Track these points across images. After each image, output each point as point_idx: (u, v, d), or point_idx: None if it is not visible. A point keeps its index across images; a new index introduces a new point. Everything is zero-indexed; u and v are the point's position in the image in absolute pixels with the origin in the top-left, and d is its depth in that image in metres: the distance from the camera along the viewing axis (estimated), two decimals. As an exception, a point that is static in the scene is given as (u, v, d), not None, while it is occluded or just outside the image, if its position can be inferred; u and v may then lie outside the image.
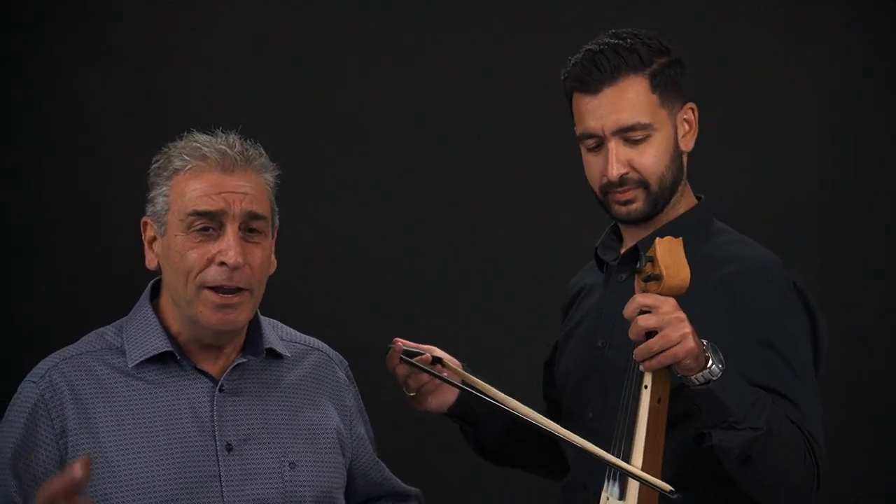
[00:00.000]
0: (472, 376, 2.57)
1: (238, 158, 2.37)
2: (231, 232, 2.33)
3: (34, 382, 2.37)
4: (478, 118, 4.16)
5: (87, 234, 4.11)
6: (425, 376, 2.59)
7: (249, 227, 2.36)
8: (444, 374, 2.57)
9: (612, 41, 2.54)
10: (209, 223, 2.34)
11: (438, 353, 2.61)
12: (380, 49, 4.15)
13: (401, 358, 2.57)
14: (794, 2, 4.11)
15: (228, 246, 2.32)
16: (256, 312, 2.47)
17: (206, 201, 2.33)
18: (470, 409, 2.67)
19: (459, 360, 2.64)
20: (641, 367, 2.34)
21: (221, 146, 2.38)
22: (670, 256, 2.31)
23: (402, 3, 4.17)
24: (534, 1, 4.15)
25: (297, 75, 4.15)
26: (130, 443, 2.33)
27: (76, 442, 2.33)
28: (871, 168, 4.10)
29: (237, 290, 2.35)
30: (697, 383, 2.33)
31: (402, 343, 2.58)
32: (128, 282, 3.95)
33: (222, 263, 2.32)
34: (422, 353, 2.59)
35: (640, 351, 2.31)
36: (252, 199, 2.35)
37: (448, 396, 2.65)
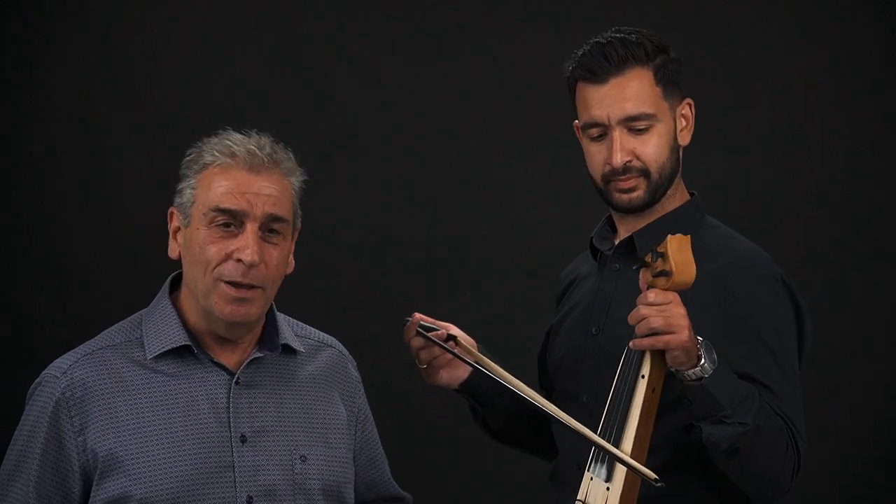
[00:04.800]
0: (483, 356, 2.65)
1: (266, 160, 2.43)
2: (251, 231, 2.40)
3: (57, 378, 2.43)
4: (472, 118, 4.17)
5: (90, 234, 4.12)
6: (437, 350, 2.66)
7: (270, 228, 2.43)
8: (456, 351, 2.65)
9: (619, 35, 2.62)
10: (231, 220, 2.40)
11: (454, 330, 2.69)
12: (371, 54, 4.16)
13: (417, 331, 2.64)
14: (786, 5, 4.13)
15: (247, 244, 2.39)
16: (272, 308, 2.54)
17: (230, 199, 2.40)
18: (480, 387, 2.74)
19: (475, 341, 2.71)
20: (631, 344, 2.42)
21: (251, 146, 2.44)
22: (680, 253, 2.38)
23: (395, 9, 4.18)
24: (522, 8, 4.16)
25: (295, 76, 4.15)
26: (149, 434, 2.40)
27: (97, 438, 2.39)
28: (862, 165, 4.11)
29: (251, 287, 2.41)
30: (690, 379, 2.41)
31: (419, 317, 2.66)
32: (130, 280, 3.98)
33: (239, 260, 2.39)
34: (438, 329, 2.67)
35: (641, 327, 2.39)
36: (275, 201, 2.42)
37: (460, 373, 2.72)
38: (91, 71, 4.10)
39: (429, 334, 2.65)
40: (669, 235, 2.39)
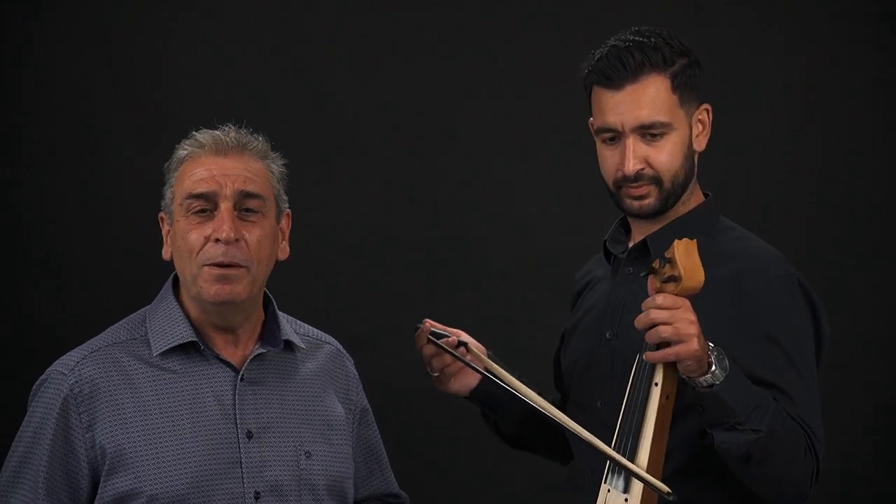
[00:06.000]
0: (493, 364, 2.64)
1: (232, 142, 2.49)
2: (224, 210, 2.44)
3: (64, 374, 2.45)
4: (472, 118, 4.17)
5: (90, 234, 4.12)
6: (449, 358, 2.66)
7: (245, 207, 2.47)
8: (468, 358, 2.64)
9: (637, 38, 2.57)
10: (205, 205, 2.45)
11: (465, 337, 2.68)
12: (371, 54, 4.16)
13: (428, 338, 2.64)
14: (786, 5, 4.13)
15: (222, 222, 2.43)
16: (273, 305, 2.57)
17: (200, 184, 2.45)
18: (491, 394, 2.72)
19: (485, 347, 2.71)
20: (645, 357, 2.40)
21: (216, 133, 2.51)
22: (688, 258, 2.36)
23: (395, 9, 4.18)
24: (522, 8, 4.16)
25: (295, 76, 4.16)
26: (157, 431, 2.42)
27: (105, 434, 2.41)
28: (862, 165, 4.12)
29: (234, 266, 2.44)
30: (701, 386, 2.39)
31: (430, 324, 2.66)
32: (130, 280, 3.97)
33: (217, 240, 2.43)
34: (448, 336, 2.66)
35: (651, 336, 2.37)
36: (245, 179, 2.46)
37: (470, 380, 2.72)
38: (91, 71, 4.10)
39: (439, 341, 2.64)
40: (676, 240, 2.36)
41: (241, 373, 2.48)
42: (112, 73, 4.11)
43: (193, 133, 2.52)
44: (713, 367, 2.36)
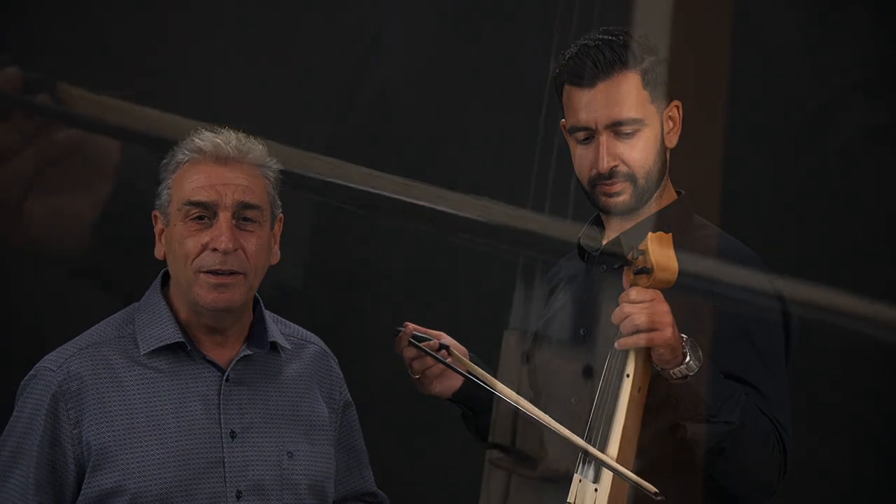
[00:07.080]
0: (475, 366, 2.67)
1: (232, 151, 2.52)
2: (223, 220, 2.48)
3: (53, 371, 2.49)
4: (472, 118, 4.18)
5: (90, 234, 4.12)
6: (430, 360, 2.69)
7: (243, 216, 2.50)
8: (449, 361, 2.67)
9: (606, 37, 2.61)
10: (204, 212, 2.49)
11: (447, 340, 2.72)
12: (371, 53, 4.16)
13: (409, 341, 2.67)
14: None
15: (220, 233, 2.47)
16: (261, 306, 2.60)
17: (200, 192, 2.49)
18: (473, 396, 2.76)
19: (467, 350, 2.74)
20: (616, 345, 2.42)
21: (218, 140, 2.54)
22: (661, 251, 2.37)
23: (395, 8, 4.19)
24: (522, 8, 4.17)
25: (294, 75, 4.16)
26: (142, 429, 2.46)
27: (91, 431, 2.44)
28: (861, 164, 4.11)
29: (231, 273, 2.48)
30: (675, 377, 2.41)
31: (412, 327, 2.69)
32: (130, 280, 3.97)
33: (215, 249, 2.46)
34: (430, 340, 2.69)
35: (625, 325, 2.38)
36: (245, 189, 2.50)
37: (453, 382, 2.74)
38: (89, 69, 4.10)
39: (421, 344, 2.67)
40: (650, 233, 2.39)
41: (226, 373, 2.52)
42: (110, 72, 4.10)
43: (193, 136, 2.54)
44: (688, 358, 2.39)
